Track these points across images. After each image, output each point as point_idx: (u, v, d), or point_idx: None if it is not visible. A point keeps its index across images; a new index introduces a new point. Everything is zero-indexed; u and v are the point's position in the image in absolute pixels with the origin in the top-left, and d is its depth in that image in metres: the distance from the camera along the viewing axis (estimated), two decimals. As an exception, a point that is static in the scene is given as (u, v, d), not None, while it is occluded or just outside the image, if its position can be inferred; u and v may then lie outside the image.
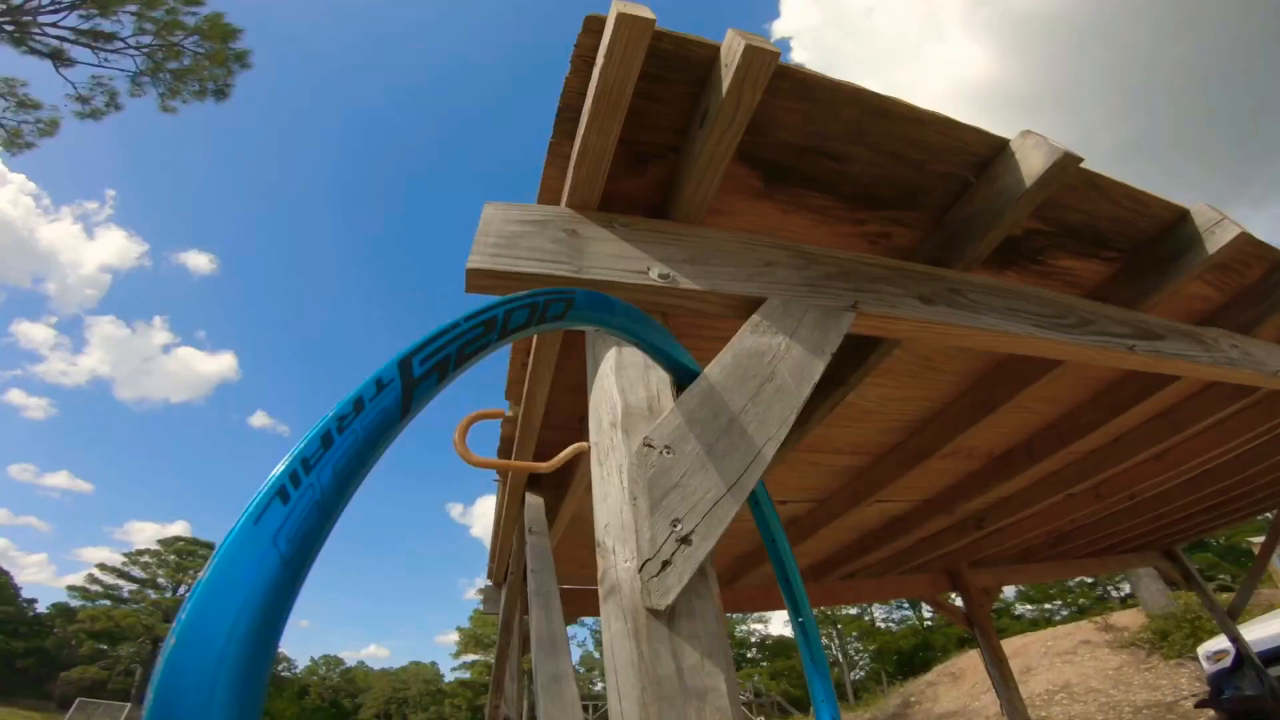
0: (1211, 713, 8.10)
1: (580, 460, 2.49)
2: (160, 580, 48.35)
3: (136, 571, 48.31)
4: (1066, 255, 1.88)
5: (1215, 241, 1.80)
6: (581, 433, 2.50)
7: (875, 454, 2.76)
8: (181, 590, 47.99)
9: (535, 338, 1.91)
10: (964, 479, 3.20)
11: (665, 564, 0.97)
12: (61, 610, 49.20)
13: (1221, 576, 22.57)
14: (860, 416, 2.49)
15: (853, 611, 41.99)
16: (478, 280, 1.27)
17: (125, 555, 49.24)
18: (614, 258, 1.38)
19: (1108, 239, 1.87)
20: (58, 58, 12.86)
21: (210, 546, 50.56)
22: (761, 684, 36.06)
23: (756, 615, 44.71)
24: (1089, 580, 36.12)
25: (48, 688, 43.80)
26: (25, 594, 53.85)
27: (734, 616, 41.14)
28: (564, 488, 2.53)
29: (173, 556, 49.02)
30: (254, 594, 0.47)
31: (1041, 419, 2.88)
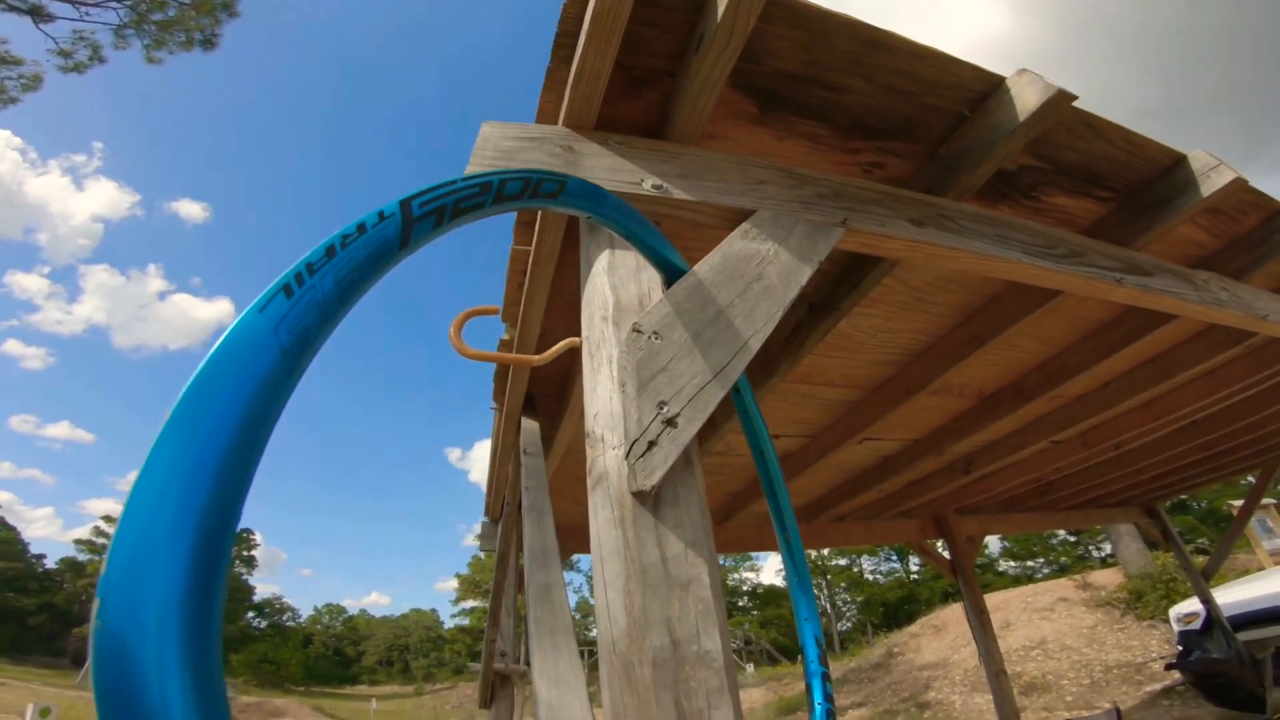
0: (1178, 674, 8.38)
1: (574, 389, 2.52)
2: (165, 530, 49.16)
3: None
4: (1060, 193, 1.90)
5: (1210, 185, 1.81)
6: (576, 362, 2.53)
7: (867, 388, 2.79)
8: None
9: (531, 258, 1.93)
10: (954, 419, 3.24)
11: (651, 444, 1.00)
12: (70, 565, 49.24)
13: (1200, 540, 23.13)
14: (853, 348, 2.51)
15: (842, 562, 43.04)
16: (477, 215, 1.30)
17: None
18: (609, 170, 1.40)
19: (1102, 179, 1.88)
20: (37, 14, 12.45)
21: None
22: (752, 632, 36.97)
23: (748, 564, 45.84)
24: (1072, 539, 37.04)
25: (61, 644, 43.78)
26: (33, 549, 54.24)
27: (726, 562, 42.20)
28: (559, 415, 2.57)
29: (177, 505, 49.69)
30: (253, 374, 0.50)
31: (1032, 358, 2.90)
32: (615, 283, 1.25)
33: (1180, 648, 6.75)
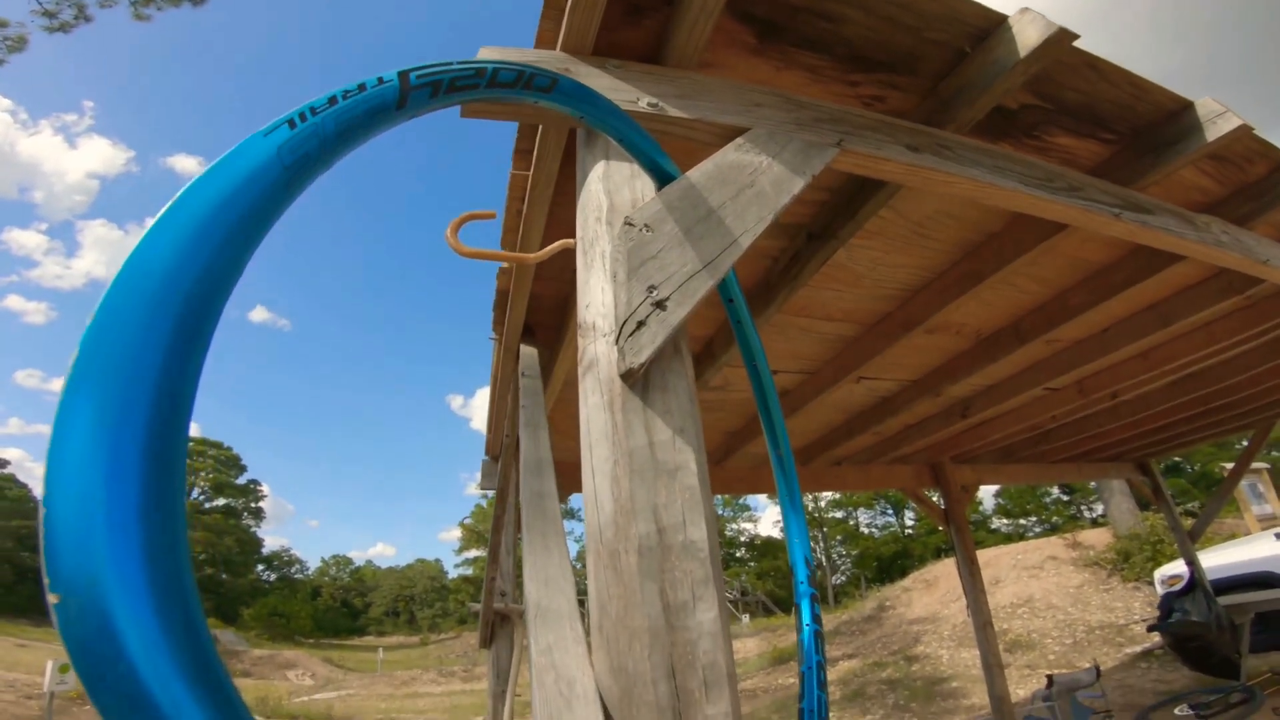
0: (1158, 637, 8.55)
1: (572, 319, 2.54)
2: (175, 484, 49.43)
3: None
4: (1063, 133, 1.90)
5: (1215, 130, 1.82)
6: (573, 296, 2.53)
7: (865, 323, 2.80)
8: (195, 494, 49.11)
9: (529, 183, 1.93)
10: (952, 359, 3.25)
11: (640, 324, 1.01)
12: None
13: (1191, 504, 23.40)
14: (851, 281, 2.51)
15: (839, 515, 43.69)
16: (472, 106, 1.32)
17: (134, 460, 49.81)
18: (605, 89, 1.40)
19: (1106, 121, 1.88)
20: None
21: (219, 445, 51.56)
22: (748, 583, 37.55)
23: (746, 515, 46.49)
24: (1065, 498, 37.59)
25: None
26: None
27: (724, 512, 42.88)
28: (557, 347, 2.59)
29: (184, 459, 49.88)
30: (253, 183, 0.56)
31: (1031, 299, 2.91)
32: (610, 188, 1.27)
33: (1161, 610, 6.79)
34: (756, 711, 10.20)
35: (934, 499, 5.57)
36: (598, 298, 1.13)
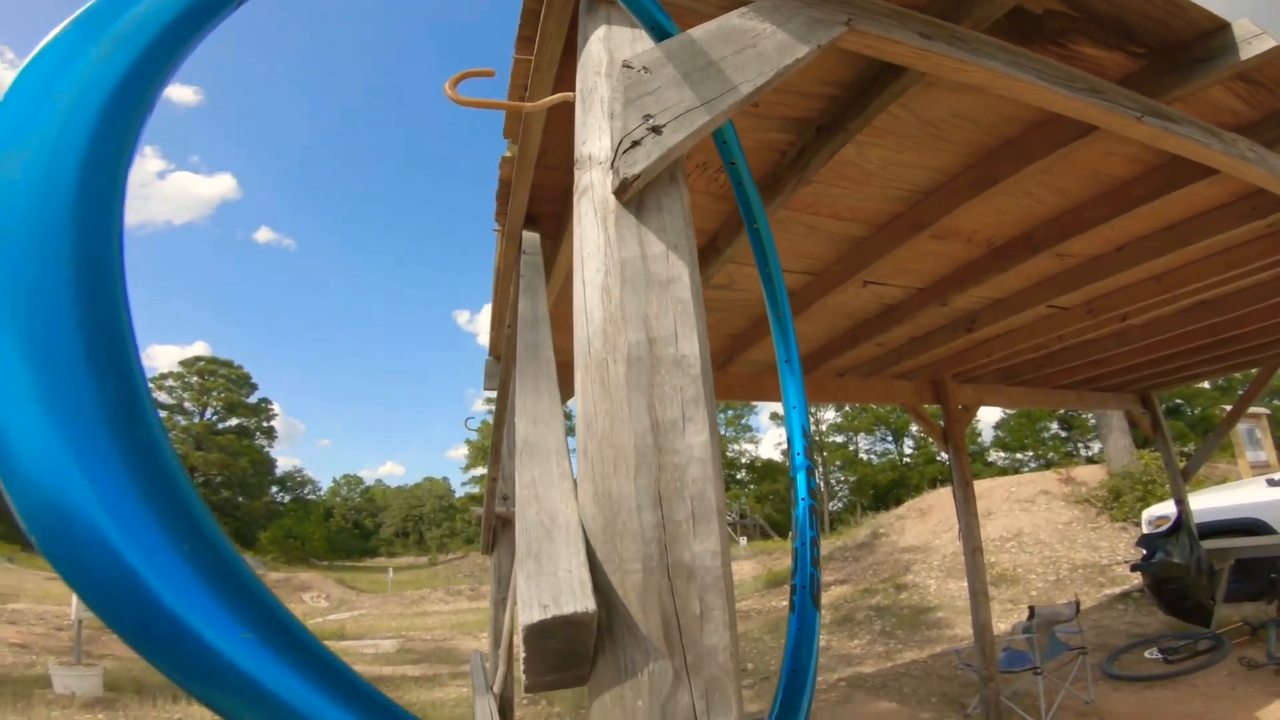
0: (1138, 579, 8.65)
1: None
2: (187, 405, 48.07)
3: (163, 397, 47.62)
4: (1090, 43, 1.82)
5: (1250, 50, 1.76)
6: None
7: (874, 223, 2.74)
8: (209, 414, 49.70)
9: (532, 68, 1.90)
10: (961, 267, 3.20)
11: (635, 143, 0.99)
12: None
13: (1188, 447, 23.59)
14: (861, 179, 2.45)
15: (839, 439, 44.16)
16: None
17: (150, 381, 50.15)
18: None
19: (1135, 34, 1.82)
20: None
21: (230, 364, 51.87)
22: (747, 506, 38.09)
23: (748, 435, 47.05)
24: (1063, 434, 38.00)
25: None
26: None
27: (725, 432, 43.45)
28: (559, 239, 2.56)
29: (195, 378, 48.54)
30: None
31: (1046, 209, 2.83)
32: (610, 47, 1.25)
33: (1145, 549, 6.79)
34: (750, 632, 10.60)
35: (934, 420, 5.59)
36: (595, 132, 1.11)
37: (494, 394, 4.57)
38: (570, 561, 0.75)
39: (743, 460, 45.66)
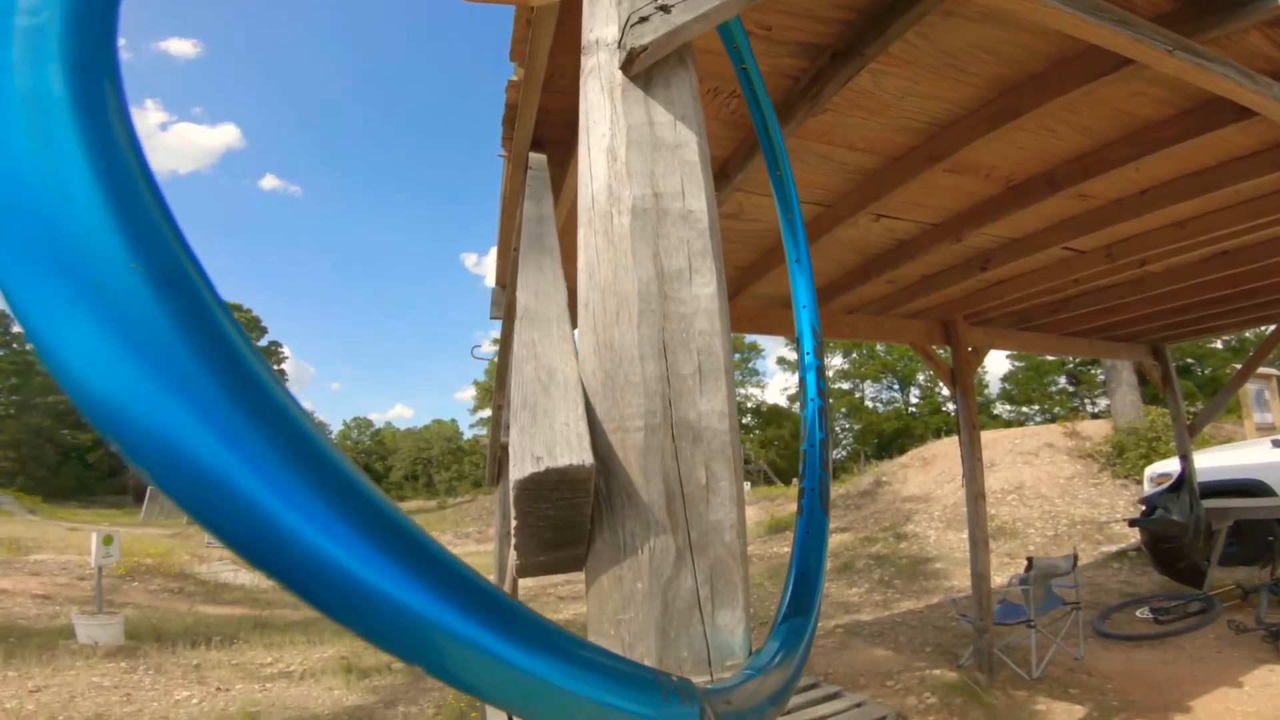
0: (1134, 538, 8.46)
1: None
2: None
3: None
4: None
5: None
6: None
7: (888, 155, 2.66)
8: None
9: None
10: (977, 204, 3.11)
11: (643, 19, 0.95)
12: None
13: (1195, 408, 23.46)
14: (877, 109, 2.36)
15: (845, 386, 44.06)
16: None
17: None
18: None
19: None
20: None
21: (239, 307, 51.98)
22: (751, 451, 37.92)
23: (755, 380, 47.00)
24: (1070, 388, 37.87)
25: (121, 481, 44.35)
26: None
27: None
28: (566, 164, 2.51)
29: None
30: None
31: (1069, 148, 2.74)
32: None
33: (1144, 506, 6.74)
34: (750, 576, 10.76)
35: (943, 362, 5.50)
36: (601, 22, 1.06)
37: (500, 327, 4.56)
38: (568, 415, 0.71)
39: (748, 405, 45.35)
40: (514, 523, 0.68)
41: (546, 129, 2.46)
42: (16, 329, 48.60)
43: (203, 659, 5.77)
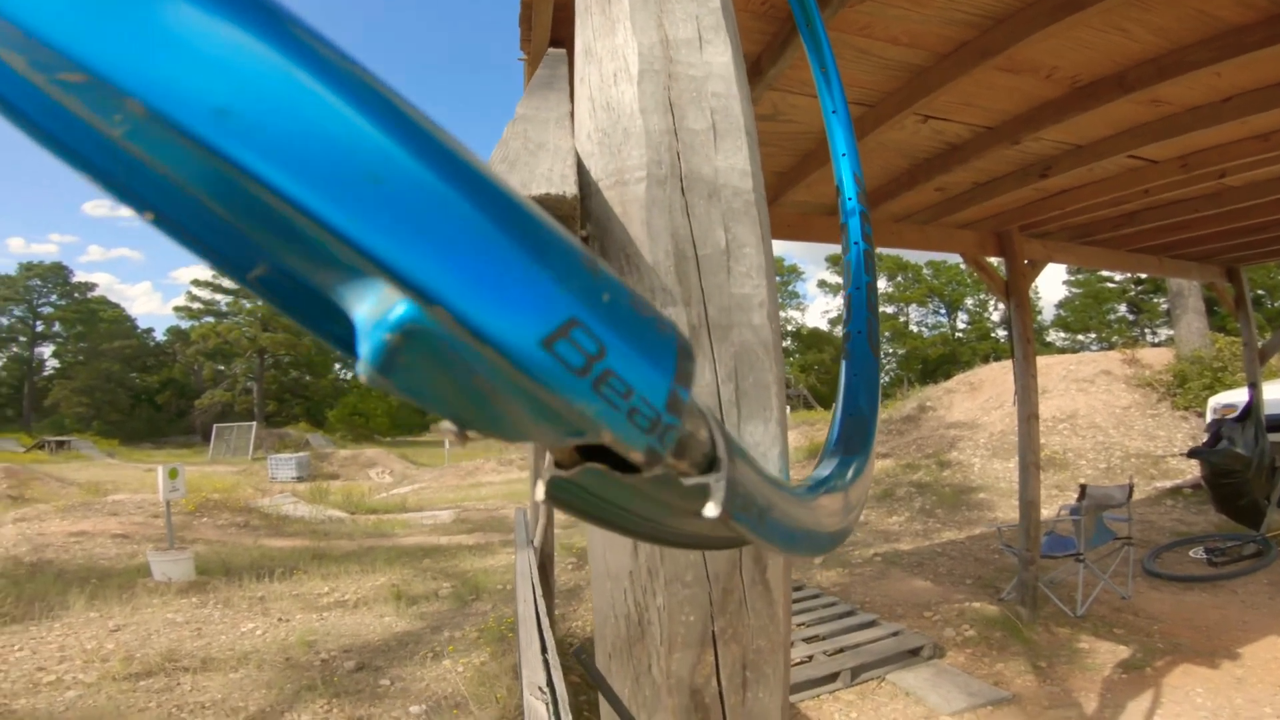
0: (1190, 477, 8.18)
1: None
2: (250, 286, 51.02)
3: (227, 281, 50.38)
4: None
5: None
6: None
7: (936, 50, 2.39)
8: None
9: None
10: (1036, 107, 2.81)
11: None
12: (176, 334, 50.57)
13: (1266, 337, 22.10)
14: (922, -1, 2.09)
15: (889, 310, 42.70)
16: None
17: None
18: None
19: None
20: None
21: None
22: (791, 375, 37.62)
23: (795, 302, 46.23)
24: (1130, 316, 36.14)
25: (189, 421, 45.49)
26: (141, 324, 55.71)
27: None
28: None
29: (256, 258, 51.15)
30: None
31: (1141, 49, 2.43)
32: None
33: (1208, 434, 6.38)
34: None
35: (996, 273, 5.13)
36: None
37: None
38: (553, 164, 0.60)
39: (788, 328, 44.63)
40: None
41: (565, 27, 2.30)
42: (76, 278, 50.88)
43: (266, 591, 6.07)
